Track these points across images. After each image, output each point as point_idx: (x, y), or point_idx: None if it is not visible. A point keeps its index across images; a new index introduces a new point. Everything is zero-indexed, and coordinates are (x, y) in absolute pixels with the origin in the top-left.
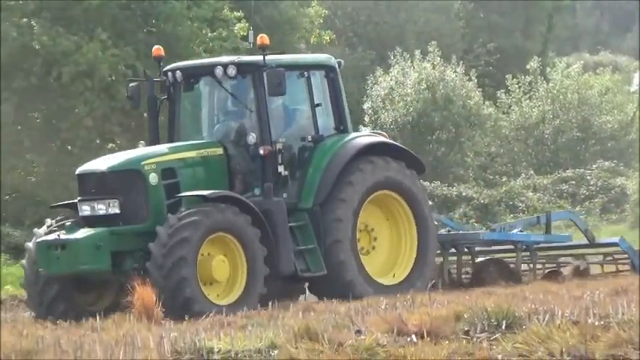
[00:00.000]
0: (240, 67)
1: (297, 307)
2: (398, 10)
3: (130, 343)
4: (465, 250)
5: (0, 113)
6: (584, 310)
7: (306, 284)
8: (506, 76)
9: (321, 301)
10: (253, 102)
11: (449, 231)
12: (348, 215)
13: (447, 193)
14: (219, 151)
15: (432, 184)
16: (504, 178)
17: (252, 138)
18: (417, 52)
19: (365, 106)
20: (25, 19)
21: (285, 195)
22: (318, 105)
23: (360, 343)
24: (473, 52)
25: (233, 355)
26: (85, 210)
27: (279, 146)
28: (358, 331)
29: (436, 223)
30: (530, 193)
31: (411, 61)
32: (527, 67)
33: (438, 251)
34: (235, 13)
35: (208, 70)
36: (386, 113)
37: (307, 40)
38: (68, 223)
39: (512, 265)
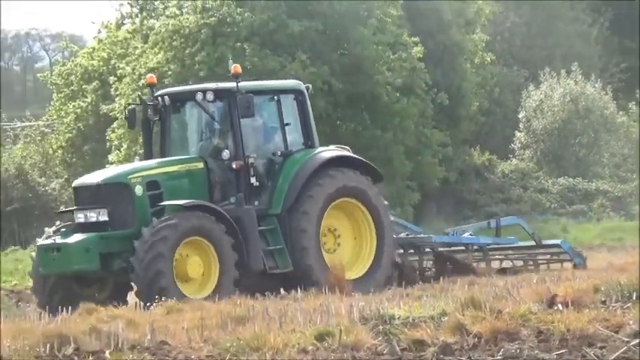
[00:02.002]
0: (217, 92)
1: (463, 281)
2: (547, 36)
3: (325, 311)
4: (427, 250)
5: None
6: None
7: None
8: (637, 91)
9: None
10: (229, 122)
11: (407, 234)
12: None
13: (587, 187)
14: (200, 165)
15: (575, 180)
16: (635, 175)
17: (225, 154)
18: (563, 71)
19: (520, 115)
20: (238, 44)
21: (256, 203)
22: (287, 124)
23: (515, 311)
24: (608, 71)
25: (410, 321)
26: (80, 217)
27: (251, 160)
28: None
29: (396, 225)
30: None
31: (558, 79)
32: None
33: (401, 251)
34: (413, 38)
35: (191, 95)
36: (537, 121)
37: (472, 60)
38: (63, 229)
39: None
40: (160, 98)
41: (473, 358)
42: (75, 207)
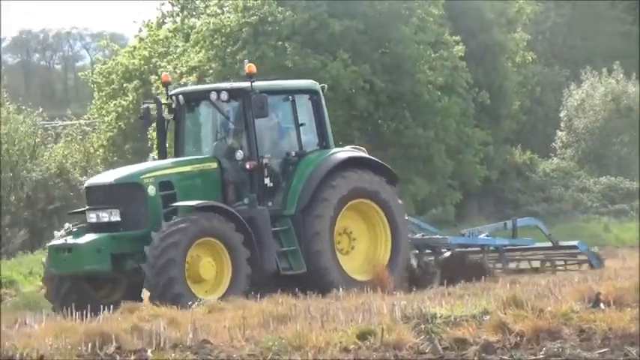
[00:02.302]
0: (231, 92)
1: (504, 280)
2: (588, 35)
3: (367, 310)
4: (444, 250)
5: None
6: None
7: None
8: None
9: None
10: (243, 122)
11: (423, 235)
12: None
13: (628, 186)
14: (214, 165)
15: (617, 179)
16: None
17: (239, 154)
18: (604, 70)
19: (561, 114)
20: (279, 42)
21: (270, 203)
22: (302, 124)
23: (557, 310)
24: None
25: (452, 320)
26: (92, 218)
27: (265, 161)
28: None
29: (411, 225)
30: None
31: (599, 78)
32: None
33: (416, 251)
34: (454, 37)
35: (205, 95)
36: (578, 120)
37: (513, 59)
38: (75, 230)
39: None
40: (174, 97)
41: (515, 357)
42: (87, 207)
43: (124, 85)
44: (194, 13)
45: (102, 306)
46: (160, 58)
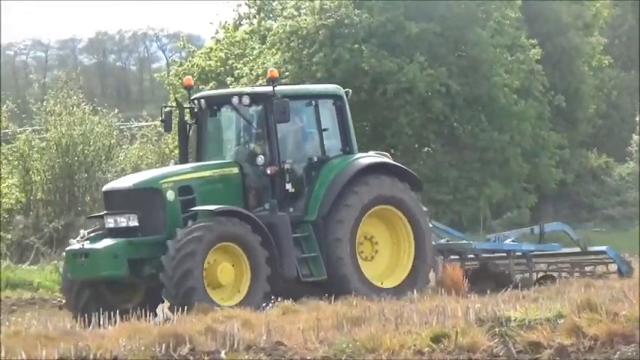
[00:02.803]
0: (254, 96)
1: (579, 283)
2: None
3: (441, 312)
4: (471, 256)
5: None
6: None
7: None
8: None
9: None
10: (265, 127)
11: (448, 241)
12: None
13: None
14: (235, 170)
15: None
16: None
17: (260, 159)
18: None
19: (637, 118)
20: (356, 45)
21: (291, 209)
22: (325, 129)
23: (632, 314)
24: None
25: (526, 323)
26: (110, 223)
27: (286, 166)
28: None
29: (437, 230)
30: None
31: None
32: None
33: (441, 257)
34: (531, 40)
35: (227, 99)
36: None
37: (589, 63)
38: (92, 234)
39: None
40: (196, 101)
41: None
42: (105, 212)
43: (200, 86)
44: (271, 15)
45: (119, 311)
46: (236, 59)
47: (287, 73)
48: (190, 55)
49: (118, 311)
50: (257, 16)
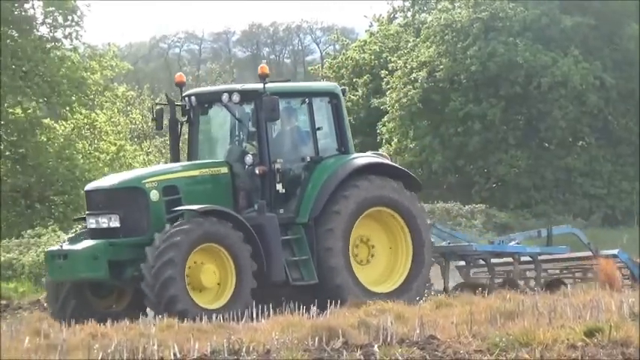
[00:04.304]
0: (244, 94)
1: None
2: None
3: (595, 307)
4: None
5: None
6: None
7: None
8: None
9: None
10: (255, 126)
11: (449, 243)
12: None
13: None
14: (224, 170)
15: None
16: None
17: (249, 159)
18: None
19: None
20: (510, 38)
21: (282, 211)
22: (319, 128)
23: None
24: None
25: None
26: (91, 223)
27: (277, 166)
28: None
29: (439, 233)
30: None
31: None
32: None
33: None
34: None
35: (217, 97)
36: None
37: None
38: (71, 235)
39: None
40: (187, 99)
41: None
42: (87, 212)
43: (354, 79)
44: (425, 8)
45: (104, 316)
46: (390, 52)
47: (441, 67)
48: (344, 48)
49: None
50: (411, 9)
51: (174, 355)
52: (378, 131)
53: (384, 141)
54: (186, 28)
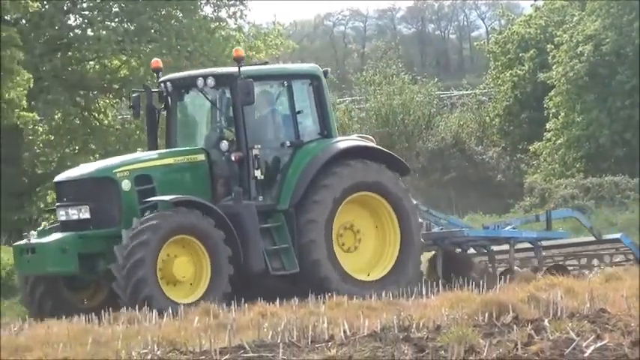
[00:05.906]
0: (219, 78)
1: None
2: None
3: None
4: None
5: None
6: None
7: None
8: None
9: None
10: (231, 110)
11: (442, 229)
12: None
13: None
14: (201, 157)
15: None
16: None
17: (224, 145)
18: None
19: None
20: None
21: (261, 198)
22: (299, 112)
23: None
24: None
25: None
26: (61, 215)
27: (255, 152)
28: None
29: (432, 218)
30: None
31: None
32: None
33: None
34: None
35: (193, 81)
36: None
37: None
38: (39, 228)
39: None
40: (163, 85)
41: None
42: (57, 204)
43: (520, 54)
44: None
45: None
46: (555, 27)
47: (607, 40)
48: (510, 23)
49: (78, 309)
50: None
51: (344, 332)
52: (544, 105)
53: (550, 115)
54: (351, 5)
